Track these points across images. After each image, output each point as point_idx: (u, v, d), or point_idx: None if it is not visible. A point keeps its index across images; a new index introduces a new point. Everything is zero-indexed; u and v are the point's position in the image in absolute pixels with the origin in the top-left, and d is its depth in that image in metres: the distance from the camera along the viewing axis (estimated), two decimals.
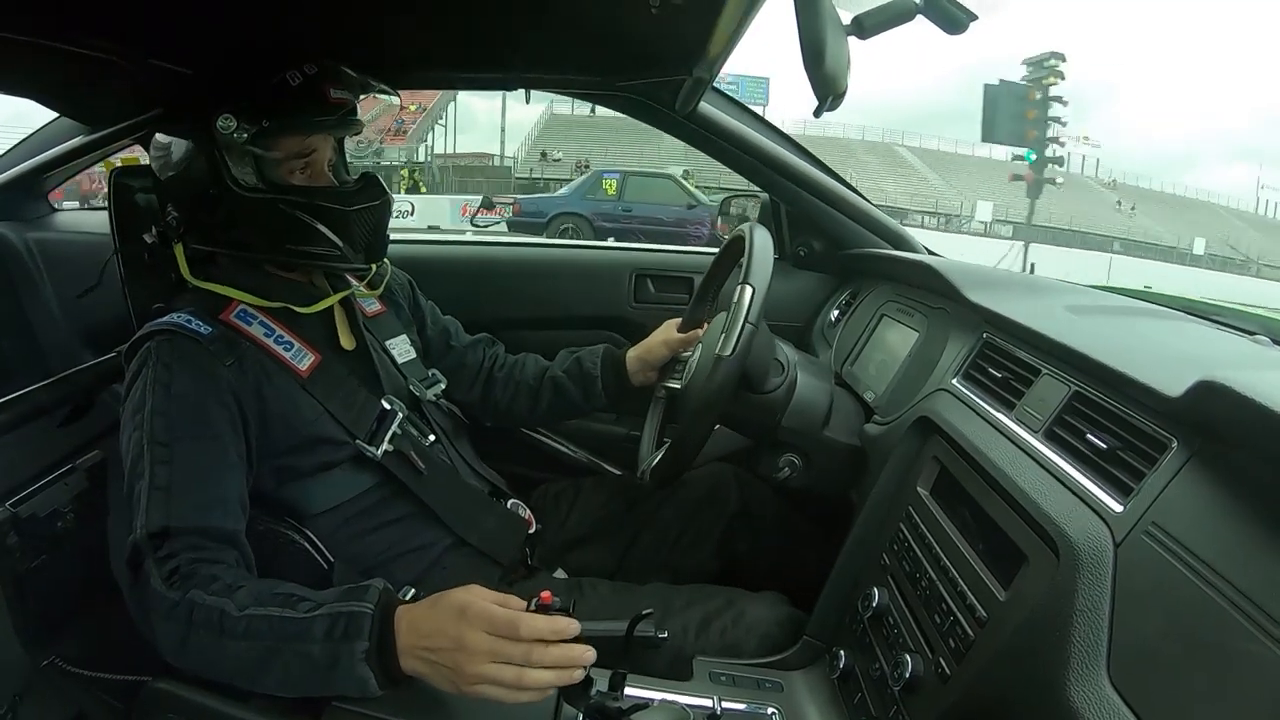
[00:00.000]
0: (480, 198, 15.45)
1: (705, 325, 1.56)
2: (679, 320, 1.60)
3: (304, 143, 1.24)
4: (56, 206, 1.99)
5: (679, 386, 1.48)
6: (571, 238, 12.54)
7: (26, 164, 1.75)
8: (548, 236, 12.65)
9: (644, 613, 0.92)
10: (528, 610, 0.87)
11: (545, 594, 0.88)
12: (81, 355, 1.67)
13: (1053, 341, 1.02)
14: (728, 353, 1.18)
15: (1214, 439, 0.73)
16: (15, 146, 1.82)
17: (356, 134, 1.35)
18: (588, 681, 0.89)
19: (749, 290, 1.19)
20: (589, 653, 0.90)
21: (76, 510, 1.34)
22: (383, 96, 1.35)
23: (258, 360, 1.21)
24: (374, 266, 1.39)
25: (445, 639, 0.90)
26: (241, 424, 1.17)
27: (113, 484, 1.41)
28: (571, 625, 0.90)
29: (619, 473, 2.03)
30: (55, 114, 1.71)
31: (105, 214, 1.78)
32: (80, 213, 2.09)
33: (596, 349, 1.66)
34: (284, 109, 1.19)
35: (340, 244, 1.25)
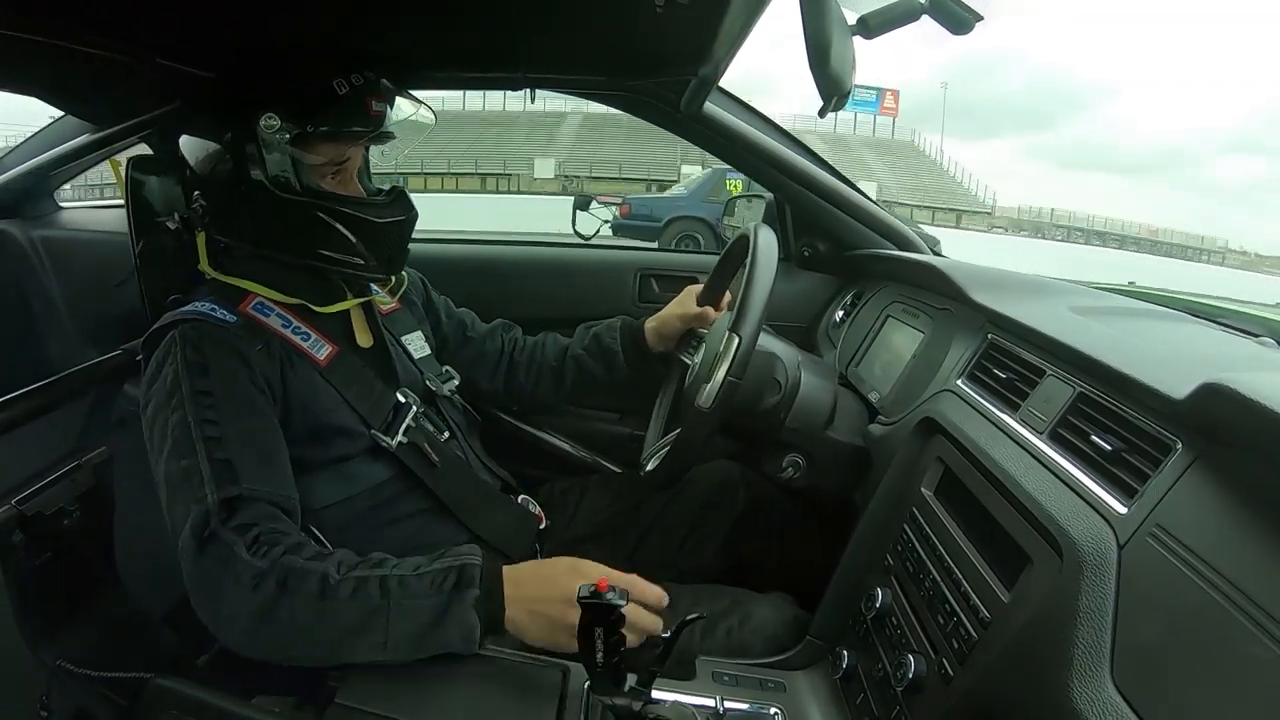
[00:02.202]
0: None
1: (719, 307, 1.58)
2: (697, 289, 1.61)
3: (343, 150, 1.25)
4: (62, 204, 2.00)
5: (691, 364, 1.49)
6: (690, 248, 10.43)
7: (32, 162, 1.76)
8: (661, 244, 10.54)
9: (690, 618, 0.93)
10: (579, 598, 0.86)
11: (601, 581, 0.88)
12: (86, 352, 1.68)
13: (1058, 343, 1.02)
14: (706, 406, 1.19)
15: (1219, 441, 0.73)
16: (21, 144, 1.82)
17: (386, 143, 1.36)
18: (621, 677, 0.89)
19: (735, 342, 1.18)
20: (659, 623, 1.01)
21: (82, 508, 1.34)
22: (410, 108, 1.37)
23: (281, 347, 1.23)
24: (393, 278, 1.41)
25: (557, 589, 1.00)
26: (272, 407, 1.19)
27: (119, 481, 1.41)
28: (664, 597, 1.02)
29: (619, 470, 2.03)
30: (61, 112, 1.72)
31: (111, 212, 1.78)
32: (86, 210, 2.09)
33: (614, 322, 1.68)
34: (329, 116, 1.21)
35: (367, 254, 1.27)
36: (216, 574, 0.99)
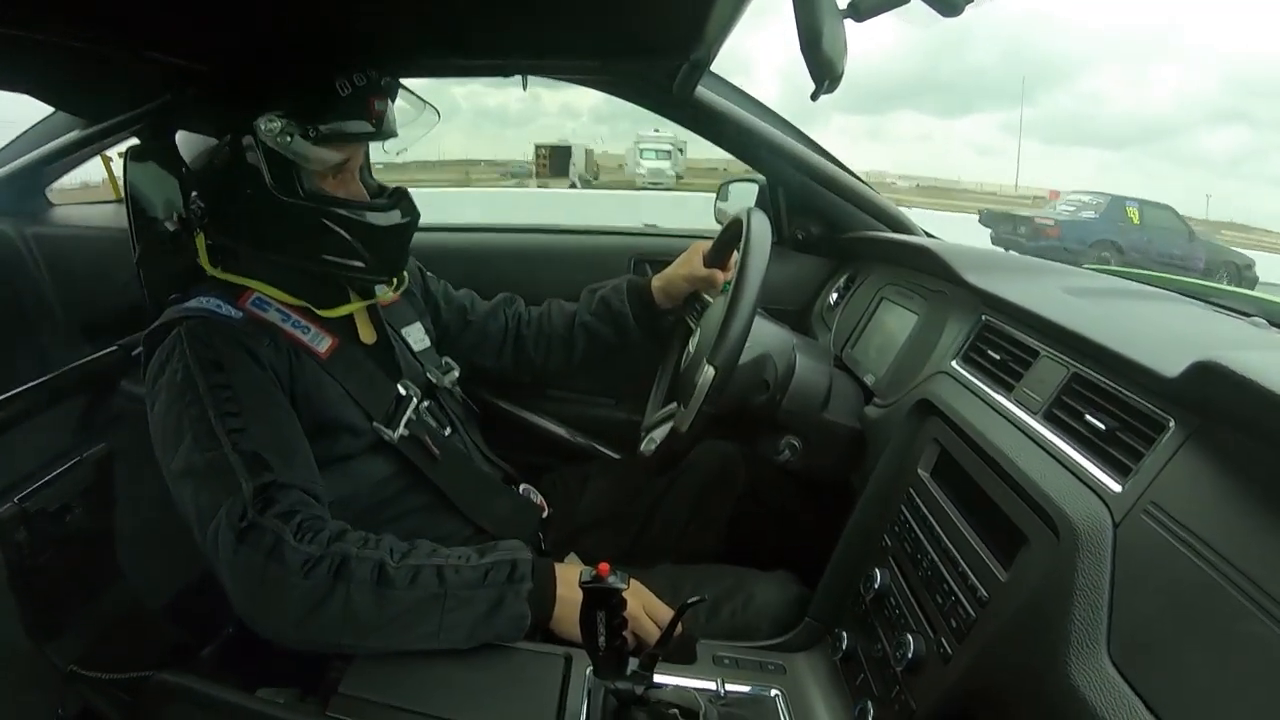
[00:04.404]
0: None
1: (726, 268, 1.58)
2: (705, 247, 1.61)
3: (345, 151, 1.24)
4: (54, 201, 1.99)
5: (691, 341, 1.49)
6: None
7: (24, 159, 1.75)
8: (1084, 265, 10.58)
9: (691, 601, 0.94)
10: (581, 581, 0.87)
11: (603, 566, 0.89)
12: (81, 349, 1.67)
13: (1051, 323, 1.03)
14: (683, 429, 1.21)
15: (1211, 419, 0.74)
16: (13, 142, 1.81)
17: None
18: (623, 661, 0.90)
19: (710, 373, 1.18)
20: (656, 635, 1.07)
21: (84, 503, 1.34)
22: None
23: (286, 342, 1.23)
24: (395, 280, 1.40)
25: None
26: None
27: (119, 476, 1.41)
28: (669, 615, 1.04)
29: (617, 456, 2.04)
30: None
31: (104, 209, 1.77)
32: (79, 207, 2.08)
33: (619, 284, 1.69)
34: (331, 118, 1.19)
35: (368, 257, 1.26)
36: (261, 563, 0.98)
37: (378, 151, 1.39)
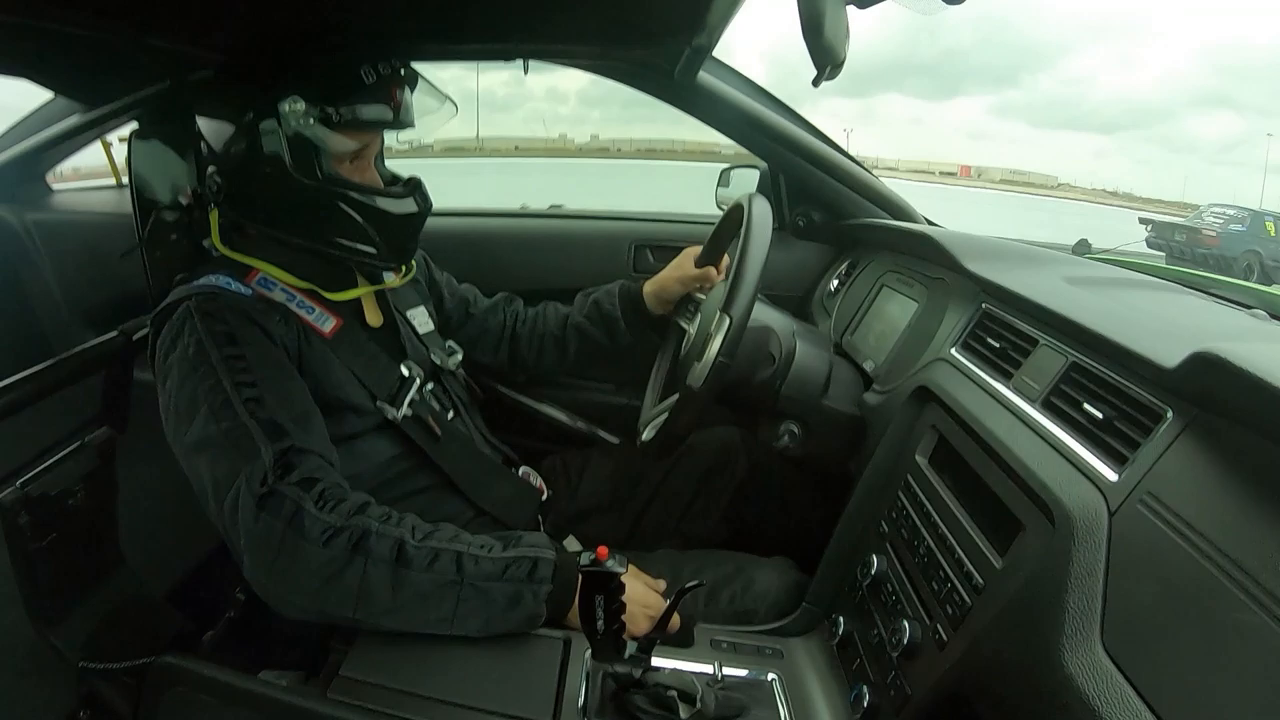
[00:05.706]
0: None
1: (719, 268, 1.58)
2: (695, 251, 1.61)
3: (364, 137, 1.25)
4: (54, 188, 1.99)
5: (688, 332, 1.49)
6: (1243, 277, 11.35)
7: (23, 145, 1.75)
8: (1228, 276, 9.08)
9: (688, 585, 0.94)
10: (579, 565, 0.87)
11: (602, 549, 0.89)
12: (83, 334, 1.68)
13: (1051, 312, 1.03)
14: (697, 386, 1.20)
15: (1208, 409, 0.74)
16: (12, 128, 1.81)
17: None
18: (621, 644, 0.91)
19: (726, 323, 1.18)
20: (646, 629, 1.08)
21: (87, 488, 1.35)
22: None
23: (294, 320, 1.23)
24: (404, 268, 1.42)
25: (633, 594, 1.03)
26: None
27: (121, 460, 1.42)
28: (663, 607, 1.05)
29: (616, 440, 2.05)
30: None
31: (104, 194, 1.76)
32: (79, 193, 2.08)
33: (613, 287, 1.68)
34: (355, 105, 1.20)
35: (380, 244, 1.27)
36: (281, 530, 0.99)
37: (391, 138, 1.39)
